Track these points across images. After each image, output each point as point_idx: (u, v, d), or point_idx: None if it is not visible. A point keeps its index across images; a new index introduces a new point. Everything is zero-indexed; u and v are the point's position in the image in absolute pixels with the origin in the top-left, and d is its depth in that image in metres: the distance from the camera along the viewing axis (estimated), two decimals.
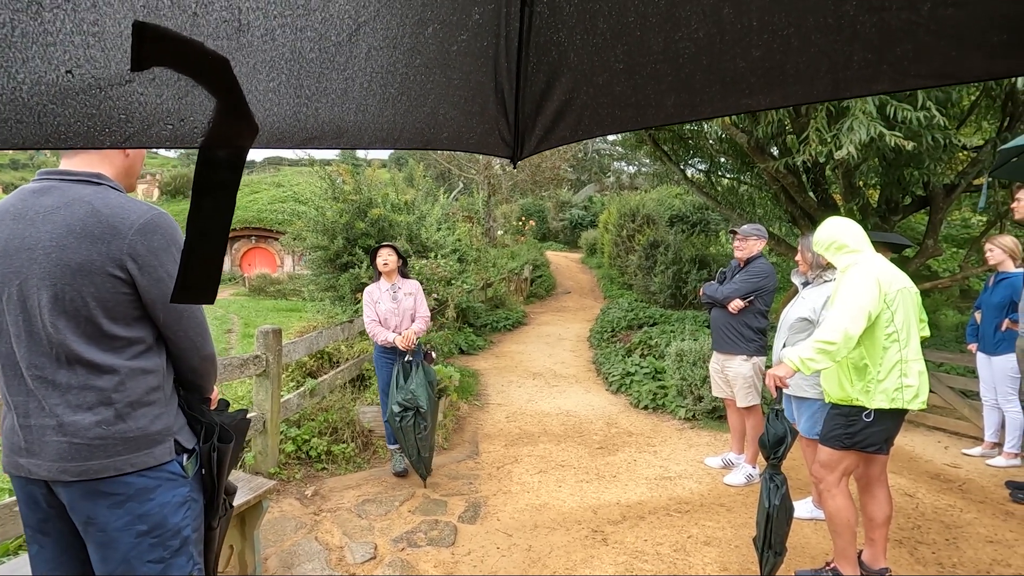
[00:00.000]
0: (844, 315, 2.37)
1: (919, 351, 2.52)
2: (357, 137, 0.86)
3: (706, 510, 3.53)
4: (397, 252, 4.05)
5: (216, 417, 1.50)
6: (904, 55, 0.67)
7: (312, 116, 0.78)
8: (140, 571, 1.34)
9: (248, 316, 13.29)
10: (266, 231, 22.09)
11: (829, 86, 0.75)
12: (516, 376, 7.14)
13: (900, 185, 6.00)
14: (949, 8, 0.62)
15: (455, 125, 0.99)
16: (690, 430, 5.13)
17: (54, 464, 1.29)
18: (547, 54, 0.93)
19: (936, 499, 3.67)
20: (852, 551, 2.58)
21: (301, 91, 0.75)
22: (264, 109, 0.72)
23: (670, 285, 10.23)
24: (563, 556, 3.00)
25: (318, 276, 7.37)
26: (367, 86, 0.82)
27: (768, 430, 2.42)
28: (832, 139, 4.54)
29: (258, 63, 0.68)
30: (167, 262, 1.33)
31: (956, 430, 4.89)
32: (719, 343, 4.05)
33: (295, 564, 2.87)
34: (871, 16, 0.66)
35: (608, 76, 0.90)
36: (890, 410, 2.44)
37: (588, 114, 0.97)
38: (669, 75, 0.85)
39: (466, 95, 0.97)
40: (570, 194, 27.20)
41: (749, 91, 0.80)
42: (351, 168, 7.66)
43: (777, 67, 0.76)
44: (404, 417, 3.61)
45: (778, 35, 0.73)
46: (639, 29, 0.82)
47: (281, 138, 0.76)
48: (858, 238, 2.67)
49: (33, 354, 1.29)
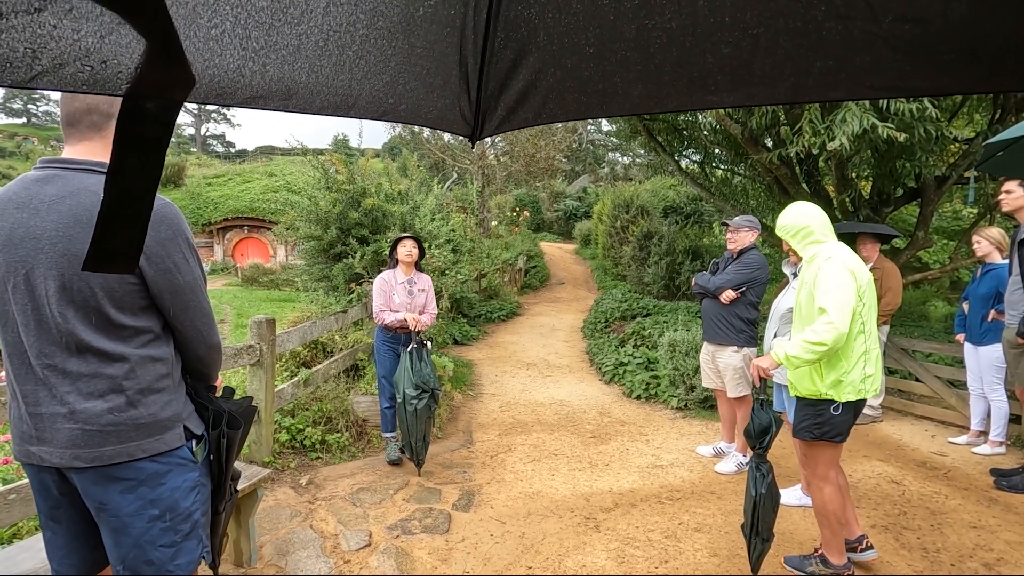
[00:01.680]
0: (835, 315, 2.34)
1: (876, 338, 2.56)
2: (307, 101, 0.79)
3: (697, 498, 3.58)
4: (419, 244, 4.05)
5: (223, 404, 1.52)
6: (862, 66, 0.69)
7: (259, 72, 0.71)
8: (152, 555, 1.36)
9: (241, 306, 13.24)
10: (259, 221, 21.96)
11: (790, 90, 0.75)
12: (510, 366, 7.17)
13: (892, 177, 6.03)
14: (907, 24, 0.64)
15: (415, 97, 0.94)
16: (682, 419, 5.19)
17: (66, 451, 1.30)
18: (516, 30, 0.89)
19: (922, 486, 3.74)
20: (839, 540, 2.63)
21: (248, 42, 0.68)
22: (203, 59, 0.65)
23: (663, 276, 10.27)
24: (556, 543, 3.04)
25: (311, 266, 7.33)
26: (322, 45, 0.76)
27: (753, 420, 2.46)
28: (825, 130, 4.56)
29: (198, 5, 0.62)
30: (174, 252, 1.35)
31: (943, 419, 4.97)
32: (710, 334, 4.08)
33: (290, 552, 2.89)
34: (837, 24, 0.67)
35: (577, 59, 0.87)
36: (855, 401, 2.48)
37: (553, 97, 0.94)
38: (638, 64, 0.83)
39: (428, 66, 0.91)
40: (564, 185, 27.16)
41: (715, 88, 0.80)
42: (344, 158, 7.59)
43: (744, 66, 0.76)
44: (420, 399, 3.65)
45: (748, 34, 0.73)
46: (612, 13, 0.80)
47: (222, 93, 0.69)
48: (824, 226, 2.61)
49: (43, 343, 1.29)
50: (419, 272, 4.11)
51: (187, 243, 1.40)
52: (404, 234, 4.08)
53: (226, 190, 23.47)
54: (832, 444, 2.55)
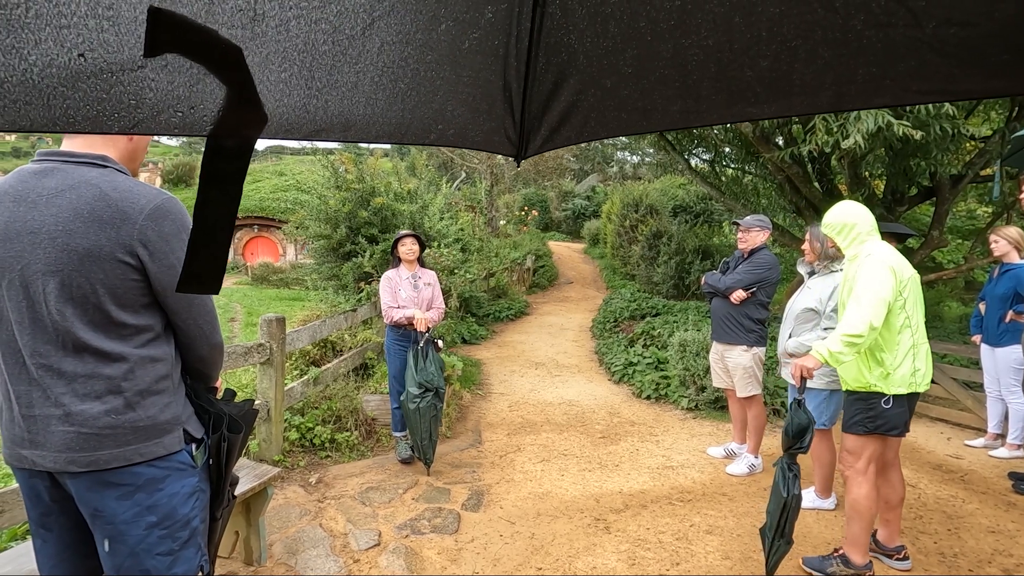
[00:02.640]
0: (866, 307, 2.42)
1: (924, 333, 2.61)
2: (364, 131, 0.85)
3: (708, 499, 3.55)
4: (420, 241, 4.10)
5: (223, 407, 1.47)
6: (907, 71, 0.69)
7: (321, 108, 0.77)
8: (148, 564, 1.31)
9: (251, 305, 13.31)
10: (269, 220, 22.05)
11: (833, 98, 0.76)
12: (518, 366, 7.16)
13: (906, 175, 5.95)
14: (952, 27, 0.64)
15: (462, 122, 0.99)
16: (692, 420, 5.15)
17: (60, 455, 1.25)
18: (557, 55, 0.93)
19: (938, 489, 3.68)
20: (865, 539, 2.62)
21: (312, 83, 0.74)
22: (274, 99, 0.71)
23: (673, 276, 10.21)
24: (566, 544, 3.02)
25: (321, 265, 7.36)
26: (378, 80, 0.82)
27: (792, 420, 2.46)
28: (839, 129, 4.50)
29: (271, 53, 0.68)
30: (177, 248, 1.30)
31: (959, 421, 4.89)
32: (719, 333, 4.05)
33: (300, 550, 2.89)
34: (877, 32, 0.67)
35: (616, 79, 0.91)
36: (907, 394, 2.52)
37: (594, 116, 0.97)
38: (676, 81, 0.85)
39: (474, 93, 0.96)
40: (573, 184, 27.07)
41: (755, 100, 0.81)
42: (353, 157, 7.61)
43: (783, 77, 0.77)
44: (423, 398, 3.66)
45: (786, 46, 0.74)
46: (650, 34, 0.83)
47: (289, 129, 0.75)
48: (869, 224, 2.67)
49: (37, 342, 1.25)
50: (423, 267, 4.14)
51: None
52: (403, 232, 4.11)
53: None
54: (884, 438, 2.59)
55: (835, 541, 3.01)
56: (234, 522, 2.69)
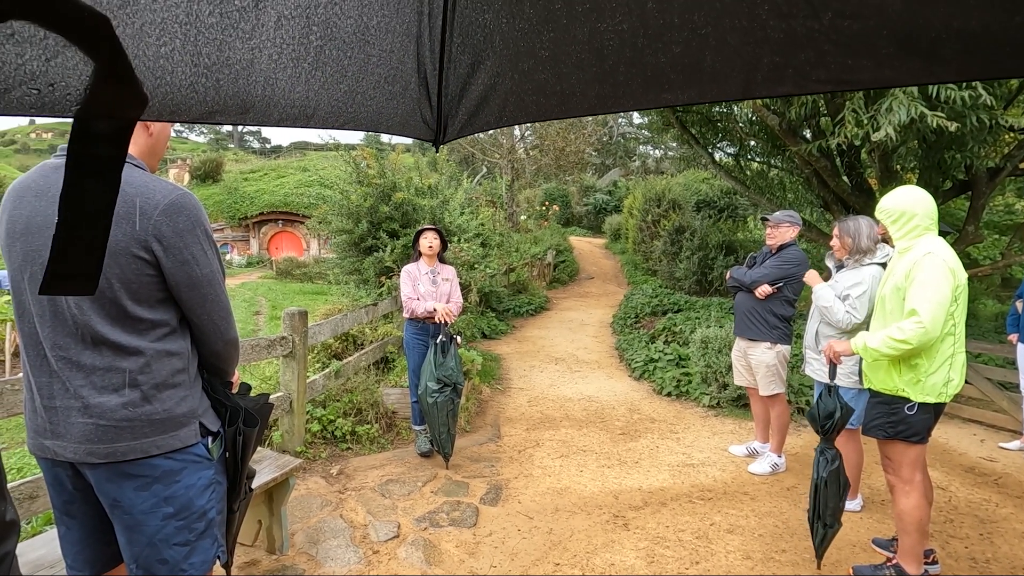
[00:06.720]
0: (927, 316, 2.22)
1: (964, 342, 2.41)
2: (265, 113, 0.80)
3: (729, 498, 3.50)
4: (441, 236, 4.10)
5: (239, 401, 1.49)
6: (807, 61, 0.71)
7: (212, 88, 0.72)
8: (166, 553, 1.33)
9: (275, 299, 13.55)
10: (293, 215, 22.39)
11: (741, 85, 0.77)
12: (538, 361, 7.14)
13: (940, 169, 5.75)
14: (846, 20, 0.66)
15: (374, 105, 0.95)
16: (714, 418, 5.08)
17: (80, 446, 1.27)
18: (472, 36, 0.91)
19: (970, 493, 3.57)
20: (919, 550, 2.50)
21: (199, 59, 0.68)
22: (155, 77, 0.65)
23: (695, 271, 10.07)
24: (584, 540, 3.01)
25: (343, 259, 7.44)
26: (276, 58, 0.77)
27: (819, 405, 2.41)
28: (869, 120, 4.36)
29: (146, 24, 0.62)
30: (192, 244, 1.31)
31: (993, 423, 4.73)
32: (741, 328, 3.97)
33: (321, 540, 2.93)
34: (780, 22, 0.70)
35: (533, 62, 0.89)
36: (934, 403, 2.36)
37: (513, 100, 0.96)
38: (593, 66, 0.85)
39: (386, 74, 0.93)
40: (594, 179, 26.88)
41: (669, 86, 0.82)
42: (375, 152, 7.67)
43: (695, 64, 0.78)
44: (442, 392, 3.68)
45: (697, 33, 0.75)
46: (565, 17, 0.82)
47: (176, 110, 0.70)
48: (930, 218, 2.40)
49: (57, 334, 1.27)
50: (442, 263, 4.14)
51: (206, 235, 1.35)
52: (426, 226, 4.11)
53: (261, 185, 24.00)
54: (910, 444, 2.41)
55: (861, 544, 2.94)
56: (257, 511, 2.74)
